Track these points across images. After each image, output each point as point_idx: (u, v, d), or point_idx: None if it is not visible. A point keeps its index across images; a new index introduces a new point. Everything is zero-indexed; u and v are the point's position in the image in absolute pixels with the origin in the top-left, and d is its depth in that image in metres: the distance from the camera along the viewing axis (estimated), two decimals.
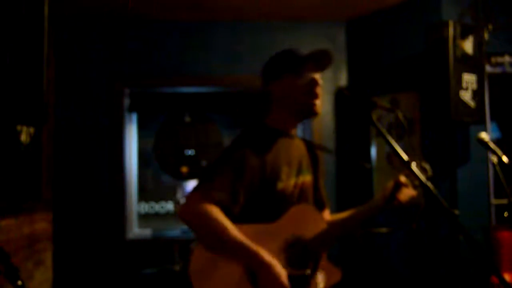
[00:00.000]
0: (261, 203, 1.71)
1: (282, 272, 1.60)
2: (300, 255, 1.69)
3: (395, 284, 3.74)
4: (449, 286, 3.43)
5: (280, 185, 1.73)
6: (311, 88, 1.76)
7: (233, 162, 1.68)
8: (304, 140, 1.96)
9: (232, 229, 1.60)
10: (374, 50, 4.12)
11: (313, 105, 1.76)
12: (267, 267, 1.58)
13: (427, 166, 1.79)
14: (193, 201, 1.63)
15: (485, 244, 3.38)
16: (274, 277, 1.58)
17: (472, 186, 3.51)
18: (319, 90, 1.77)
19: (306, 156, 1.88)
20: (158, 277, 3.79)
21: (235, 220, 1.67)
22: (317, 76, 1.78)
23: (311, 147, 1.95)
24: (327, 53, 1.78)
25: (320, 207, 1.95)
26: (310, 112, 1.78)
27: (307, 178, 1.84)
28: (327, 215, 1.98)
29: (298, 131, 3.98)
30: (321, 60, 1.79)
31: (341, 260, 3.66)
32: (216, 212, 1.60)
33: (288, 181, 1.76)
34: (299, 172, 1.81)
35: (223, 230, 1.59)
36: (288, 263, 1.69)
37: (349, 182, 4.18)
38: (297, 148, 1.86)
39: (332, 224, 1.82)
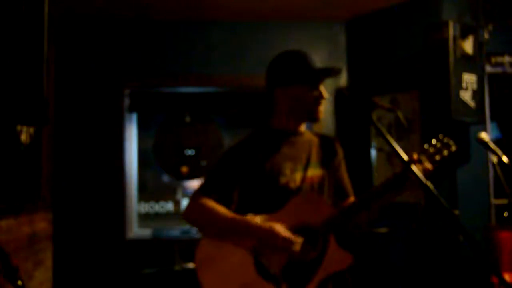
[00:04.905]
0: (265, 197, 1.81)
1: (280, 228, 1.70)
2: (306, 241, 1.72)
3: (395, 284, 3.74)
4: (449, 286, 3.43)
5: (283, 180, 1.80)
6: (317, 100, 1.84)
7: (225, 162, 1.87)
8: (318, 135, 2.01)
9: (225, 212, 1.77)
10: (374, 50, 4.12)
11: (317, 111, 1.85)
12: (265, 230, 1.70)
13: (450, 142, 1.75)
14: (191, 200, 1.85)
15: (485, 244, 3.37)
16: (274, 235, 1.68)
17: (472, 186, 3.51)
18: (324, 101, 1.86)
19: (318, 151, 1.93)
20: (158, 277, 3.79)
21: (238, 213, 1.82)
22: (322, 88, 1.86)
23: (327, 141, 1.99)
24: (338, 71, 1.90)
25: (342, 197, 1.96)
26: (312, 118, 1.88)
27: (318, 171, 1.88)
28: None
29: None
30: (330, 76, 1.91)
31: None
32: (210, 203, 1.78)
33: (293, 175, 1.83)
34: (307, 166, 1.87)
35: (217, 214, 1.77)
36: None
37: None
38: (305, 143, 1.92)
39: (344, 208, 1.82)
